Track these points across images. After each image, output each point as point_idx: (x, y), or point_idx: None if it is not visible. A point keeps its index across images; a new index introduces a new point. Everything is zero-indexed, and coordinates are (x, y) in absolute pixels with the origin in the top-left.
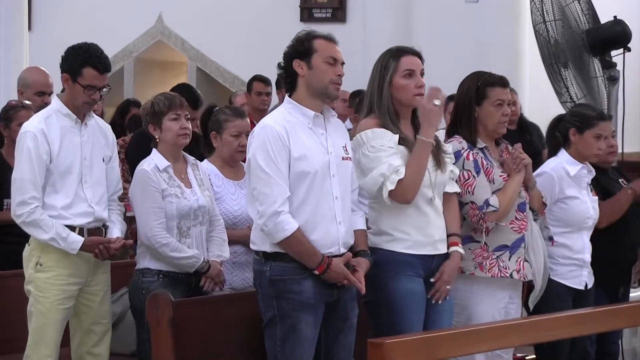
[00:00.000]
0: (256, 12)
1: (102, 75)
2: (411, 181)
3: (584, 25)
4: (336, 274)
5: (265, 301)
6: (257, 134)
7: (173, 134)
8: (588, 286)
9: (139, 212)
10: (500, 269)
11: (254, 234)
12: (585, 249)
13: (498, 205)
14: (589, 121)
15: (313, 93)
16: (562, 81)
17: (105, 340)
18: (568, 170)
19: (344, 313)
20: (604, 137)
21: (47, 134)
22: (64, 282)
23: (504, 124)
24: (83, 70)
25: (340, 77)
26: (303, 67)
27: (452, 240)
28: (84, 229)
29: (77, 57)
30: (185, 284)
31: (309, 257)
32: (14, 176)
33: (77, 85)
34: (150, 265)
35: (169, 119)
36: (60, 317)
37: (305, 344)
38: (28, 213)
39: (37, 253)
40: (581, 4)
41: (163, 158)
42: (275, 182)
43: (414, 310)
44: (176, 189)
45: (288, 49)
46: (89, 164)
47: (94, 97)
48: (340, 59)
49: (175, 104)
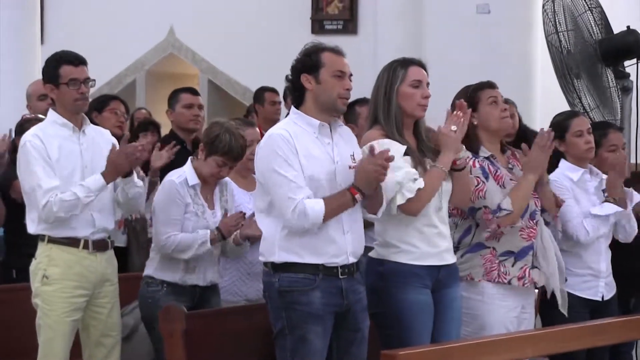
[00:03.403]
0: (267, 24)
1: (77, 67)
2: (423, 198)
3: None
4: (365, 173)
5: (274, 312)
6: (264, 144)
7: (208, 173)
8: (605, 297)
9: (158, 220)
10: (500, 274)
11: (263, 245)
12: (601, 258)
13: (511, 207)
14: (562, 125)
15: (321, 107)
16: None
17: (114, 353)
18: (571, 177)
19: (354, 324)
20: (586, 132)
21: (44, 141)
22: (71, 294)
23: (506, 119)
24: (59, 71)
25: (348, 91)
26: (311, 81)
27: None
28: (89, 241)
29: (51, 64)
30: (189, 294)
31: (341, 201)
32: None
33: (61, 86)
34: (155, 275)
35: (217, 161)
36: (68, 330)
37: (315, 355)
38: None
39: (43, 266)
40: (594, 14)
41: (195, 176)
42: (295, 185)
43: (422, 321)
44: (199, 207)
45: (296, 62)
46: (90, 172)
47: (82, 90)
48: (348, 71)
49: (232, 154)
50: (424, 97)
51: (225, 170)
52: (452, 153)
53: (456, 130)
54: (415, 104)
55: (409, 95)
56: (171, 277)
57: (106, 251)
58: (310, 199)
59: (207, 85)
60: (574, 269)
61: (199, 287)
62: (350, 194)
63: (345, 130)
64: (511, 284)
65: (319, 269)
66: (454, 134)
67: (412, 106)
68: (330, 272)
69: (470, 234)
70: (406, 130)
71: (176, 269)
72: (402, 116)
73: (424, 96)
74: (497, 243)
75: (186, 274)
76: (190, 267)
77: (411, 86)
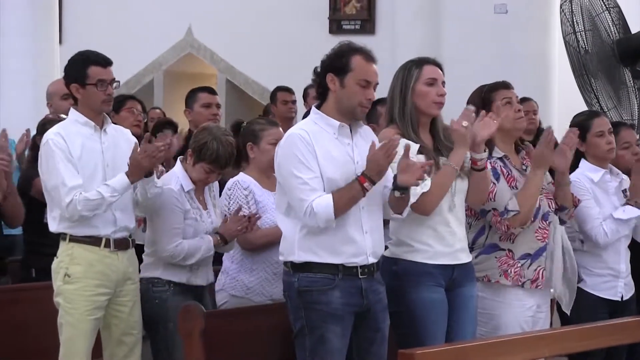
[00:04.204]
0: (285, 24)
1: (105, 69)
2: (434, 197)
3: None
4: (375, 162)
5: (294, 312)
6: (284, 144)
7: (197, 179)
8: (625, 297)
9: (158, 229)
10: (516, 275)
11: (283, 244)
12: (621, 258)
13: (517, 207)
14: (584, 125)
15: (340, 110)
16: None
17: (135, 351)
18: (591, 177)
19: (374, 324)
20: (607, 132)
21: (67, 139)
22: (92, 292)
23: (521, 120)
24: (87, 71)
25: (369, 101)
26: (336, 82)
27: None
28: (111, 240)
29: (77, 63)
30: (194, 294)
31: (351, 193)
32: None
33: (88, 87)
34: (162, 276)
35: (204, 167)
36: (89, 328)
37: (334, 355)
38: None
39: (65, 265)
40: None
41: (189, 180)
42: (309, 187)
43: (436, 320)
44: (196, 211)
45: (326, 58)
46: (112, 171)
47: (108, 92)
48: (374, 81)
49: (220, 163)
50: (439, 95)
51: (213, 176)
52: (463, 149)
53: (467, 125)
54: (430, 102)
55: (424, 93)
56: (178, 277)
57: (127, 250)
58: (319, 198)
59: (225, 85)
60: (593, 269)
61: (200, 287)
62: (359, 183)
63: (366, 130)
64: (524, 287)
65: (339, 269)
66: (464, 129)
67: (427, 104)
68: (349, 272)
69: (484, 235)
70: (422, 129)
71: (182, 269)
72: (418, 115)
73: (439, 94)
74: (513, 245)
75: (192, 275)
76: (194, 269)
77: (426, 84)
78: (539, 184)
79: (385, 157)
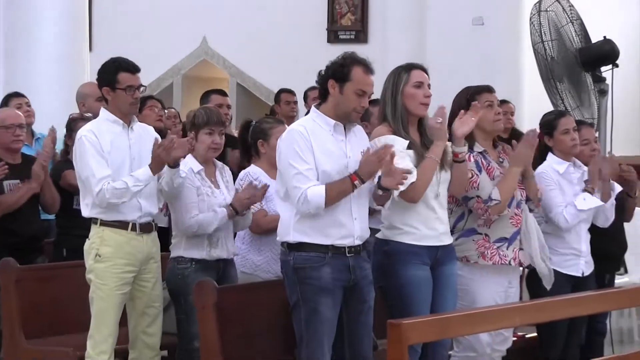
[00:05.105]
0: (288, 34)
1: (134, 75)
2: (419, 187)
3: (577, 44)
4: (367, 165)
5: (290, 287)
6: (284, 138)
7: (205, 147)
8: (585, 274)
9: (177, 207)
10: (501, 257)
11: (280, 227)
12: (582, 239)
13: (499, 198)
14: (552, 123)
15: (337, 112)
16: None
17: (157, 321)
18: (557, 169)
19: (361, 296)
20: (572, 130)
21: (98, 136)
22: (120, 270)
23: (499, 121)
24: (118, 77)
25: (363, 108)
26: (335, 88)
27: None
28: (136, 224)
29: (110, 69)
30: (214, 270)
31: (342, 188)
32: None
33: (118, 91)
34: (184, 254)
35: (204, 133)
36: (117, 302)
37: (325, 324)
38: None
39: (96, 246)
40: (574, 26)
41: (197, 162)
42: (303, 176)
43: (422, 294)
44: (207, 189)
45: (331, 64)
46: (137, 164)
47: (136, 96)
48: (369, 92)
49: (212, 120)
50: (426, 97)
51: (216, 137)
52: (441, 142)
53: (441, 121)
54: (417, 103)
55: (412, 95)
56: (198, 254)
57: (151, 233)
58: (313, 187)
59: (235, 88)
60: (558, 249)
61: (222, 262)
62: (350, 180)
63: (358, 129)
64: (510, 264)
65: (329, 249)
66: (439, 125)
67: (415, 105)
68: (338, 251)
69: (463, 220)
70: (411, 127)
71: (201, 245)
72: (407, 114)
73: (426, 95)
74: (489, 230)
75: (211, 249)
76: (214, 242)
77: (414, 87)
78: (515, 179)
79: (377, 162)
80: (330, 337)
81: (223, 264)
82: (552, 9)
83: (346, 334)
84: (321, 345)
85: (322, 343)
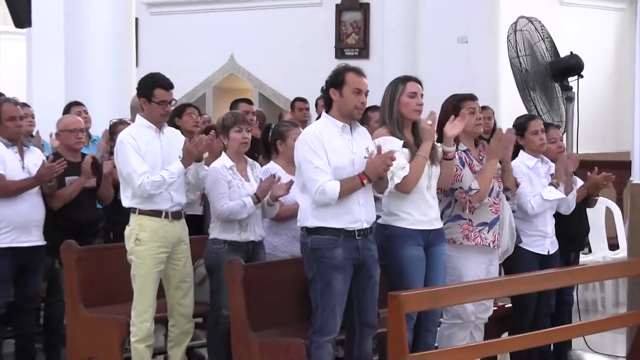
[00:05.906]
0: (302, 51)
1: (168, 91)
2: (411, 180)
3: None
4: (373, 167)
5: (308, 264)
6: (301, 138)
7: (236, 143)
8: (550, 252)
9: (211, 198)
10: (482, 239)
11: (300, 214)
12: (547, 223)
13: (478, 187)
14: (523, 125)
15: (342, 114)
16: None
17: (189, 294)
18: (527, 164)
19: (368, 273)
20: (540, 131)
21: (136, 138)
22: (156, 252)
23: (479, 126)
24: (154, 92)
25: (363, 104)
26: (336, 94)
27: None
28: (169, 212)
29: (148, 83)
30: (244, 250)
31: (352, 185)
32: (125, 172)
33: (153, 103)
34: (219, 236)
35: (234, 131)
36: (155, 278)
37: (338, 297)
38: (147, 189)
39: (135, 232)
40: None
41: (229, 159)
42: (320, 170)
43: (416, 271)
44: (238, 182)
45: (329, 78)
46: (167, 162)
47: (167, 109)
48: (365, 89)
49: (239, 119)
50: (419, 105)
51: (244, 133)
52: (430, 142)
53: (431, 124)
54: (411, 110)
55: (406, 103)
56: (230, 236)
57: (181, 219)
58: (329, 182)
59: (258, 97)
60: (527, 231)
61: (251, 244)
62: (360, 179)
63: (362, 129)
64: (490, 246)
65: (341, 232)
66: (429, 127)
67: (409, 111)
68: (349, 234)
69: (450, 208)
70: (406, 130)
71: (233, 229)
72: (402, 119)
73: (419, 104)
74: (472, 215)
75: (241, 232)
76: (244, 226)
77: (408, 96)
78: (493, 170)
79: (382, 164)
80: (341, 307)
81: (252, 245)
82: (526, 29)
83: (355, 304)
84: (334, 313)
85: (334, 312)
